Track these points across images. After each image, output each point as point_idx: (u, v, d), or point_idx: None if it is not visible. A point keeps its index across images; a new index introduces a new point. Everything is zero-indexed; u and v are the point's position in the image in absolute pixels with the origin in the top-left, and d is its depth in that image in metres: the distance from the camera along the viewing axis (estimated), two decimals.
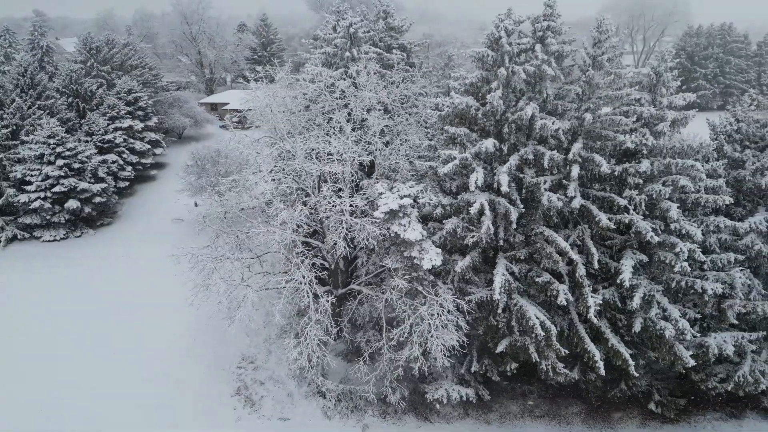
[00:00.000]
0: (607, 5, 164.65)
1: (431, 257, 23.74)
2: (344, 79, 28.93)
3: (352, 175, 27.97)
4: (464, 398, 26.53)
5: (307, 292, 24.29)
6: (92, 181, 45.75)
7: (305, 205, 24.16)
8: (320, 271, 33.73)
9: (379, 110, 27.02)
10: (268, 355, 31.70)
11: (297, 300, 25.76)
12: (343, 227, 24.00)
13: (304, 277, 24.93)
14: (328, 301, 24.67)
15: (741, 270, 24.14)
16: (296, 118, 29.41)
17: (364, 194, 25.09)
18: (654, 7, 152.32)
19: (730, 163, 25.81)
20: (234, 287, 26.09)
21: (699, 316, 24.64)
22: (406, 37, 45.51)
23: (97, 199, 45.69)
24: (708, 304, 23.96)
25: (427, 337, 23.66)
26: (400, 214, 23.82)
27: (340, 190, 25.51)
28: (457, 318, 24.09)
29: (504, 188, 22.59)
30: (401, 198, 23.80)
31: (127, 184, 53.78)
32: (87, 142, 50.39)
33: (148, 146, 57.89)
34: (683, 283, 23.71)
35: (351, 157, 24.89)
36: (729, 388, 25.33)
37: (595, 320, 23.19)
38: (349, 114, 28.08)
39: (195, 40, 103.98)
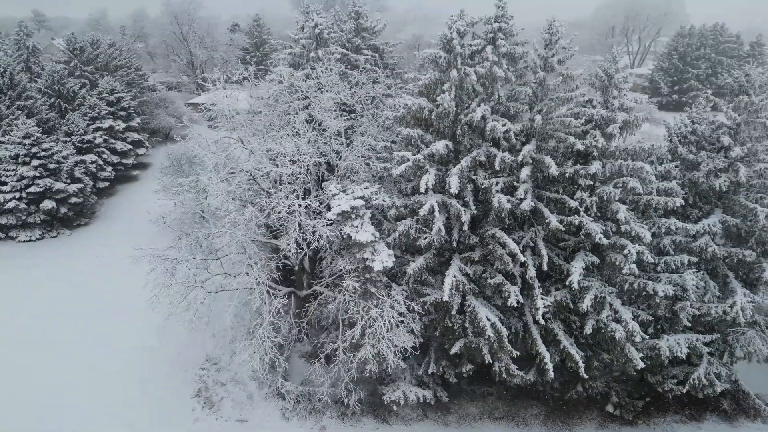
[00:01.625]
0: (603, 5, 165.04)
1: (383, 259, 23.74)
2: (305, 80, 28.86)
3: (312, 176, 28.01)
4: (421, 400, 26.53)
5: (259, 294, 24.23)
6: (68, 181, 45.75)
7: (254, 206, 24.07)
8: (283, 272, 33.74)
9: (337, 111, 26.91)
10: (232, 357, 31.61)
11: (255, 301, 25.73)
12: (295, 229, 23.95)
13: (258, 278, 24.92)
14: (280, 302, 24.57)
15: (695, 272, 24.08)
16: (258, 119, 29.43)
17: (317, 196, 25.04)
18: (649, 7, 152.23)
19: (685, 164, 25.76)
20: (191, 289, 26.09)
21: (651, 318, 24.56)
22: (385, 37, 45.59)
23: (73, 200, 45.71)
24: (660, 306, 23.90)
25: (379, 338, 23.65)
26: (353, 216, 23.81)
27: (295, 191, 25.49)
28: (410, 319, 24.07)
29: (453, 190, 22.55)
30: (354, 199, 23.84)
31: (107, 184, 53.77)
32: (66, 142, 50.41)
33: (130, 146, 57.90)
34: (635, 285, 23.66)
35: (306, 159, 24.83)
36: (684, 391, 25.32)
37: (543, 322, 23.17)
38: (310, 115, 28.03)
39: (186, 40, 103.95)
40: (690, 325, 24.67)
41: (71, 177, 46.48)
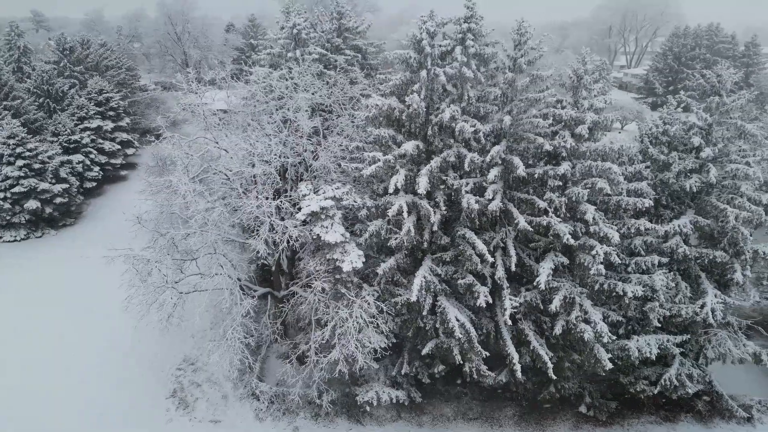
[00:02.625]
0: (601, 5, 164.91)
1: (352, 259, 23.71)
2: (281, 81, 28.84)
3: (287, 176, 28.02)
4: (395, 401, 26.52)
5: (229, 295, 24.23)
6: (53, 181, 45.79)
7: (225, 206, 24.06)
8: (262, 273, 33.71)
9: (311, 111, 26.89)
10: (209, 357, 31.54)
11: (225, 302, 25.72)
12: (266, 229, 23.94)
13: (230, 278, 24.91)
14: (249, 303, 24.56)
15: (665, 273, 24.02)
16: (235, 120, 29.45)
17: (288, 196, 25.03)
18: (646, 7, 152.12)
19: (657, 165, 25.69)
20: (163, 290, 26.08)
21: (623, 318, 24.52)
22: (379, 37, 45.55)
23: (59, 200, 45.74)
24: (630, 307, 23.83)
25: (348, 339, 23.62)
26: (323, 216, 23.79)
27: (267, 191, 25.47)
28: (379, 320, 24.04)
29: (421, 190, 22.50)
30: (324, 200, 23.81)
31: (94, 184, 53.77)
32: (52, 142, 50.45)
33: (119, 147, 57.90)
34: (606, 286, 23.60)
35: (275, 159, 24.81)
36: (656, 392, 25.28)
37: (510, 323, 23.13)
38: (285, 115, 28.01)
39: (180, 40, 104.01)
40: (662, 326, 24.63)
41: (56, 177, 46.49)
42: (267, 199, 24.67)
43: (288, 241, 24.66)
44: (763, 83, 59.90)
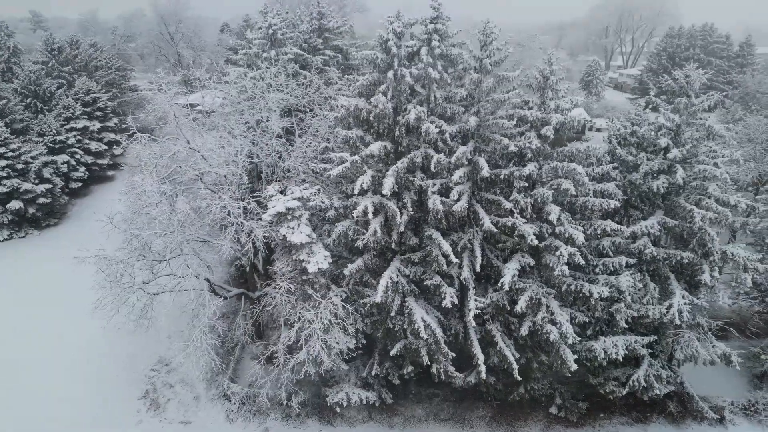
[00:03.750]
0: (597, 5, 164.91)
1: (318, 260, 23.68)
2: (255, 81, 28.81)
3: (257, 177, 28.00)
4: (364, 402, 26.46)
5: (195, 296, 24.21)
6: (36, 182, 45.77)
7: (192, 207, 24.04)
8: (239, 273, 33.62)
9: (276, 111, 26.85)
10: (192, 358, 31.61)
11: (191, 304, 25.69)
12: (231, 230, 23.92)
13: (197, 278, 24.89)
14: (215, 304, 24.54)
15: (632, 274, 23.97)
16: (210, 120, 29.46)
17: (255, 197, 25.00)
18: (643, 8, 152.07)
19: (626, 166, 25.64)
20: (132, 291, 26.06)
21: (591, 320, 24.48)
22: (366, 37, 45.45)
23: (42, 200, 45.75)
24: (597, 308, 23.78)
25: (314, 340, 23.59)
26: (289, 217, 23.78)
27: (234, 192, 25.44)
28: (345, 321, 23.99)
29: (385, 191, 22.44)
30: (290, 200, 23.79)
31: (80, 184, 53.72)
32: (37, 143, 50.42)
33: (105, 147, 57.87)
34: (573, 287, 23.54)
35: (240, 160, 24.79)
36: (624, 392, 25.22)
37: (473, 323, 23.09)
38: (255, 116, 27.99)
39: (173, 40, 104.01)
40: (631, 327, 24.59)
41: (40, 177, 46.49)
42: (235, 199, 24.62)
43: (254, 243, 24.63)
44: (749, 83, 59.62)
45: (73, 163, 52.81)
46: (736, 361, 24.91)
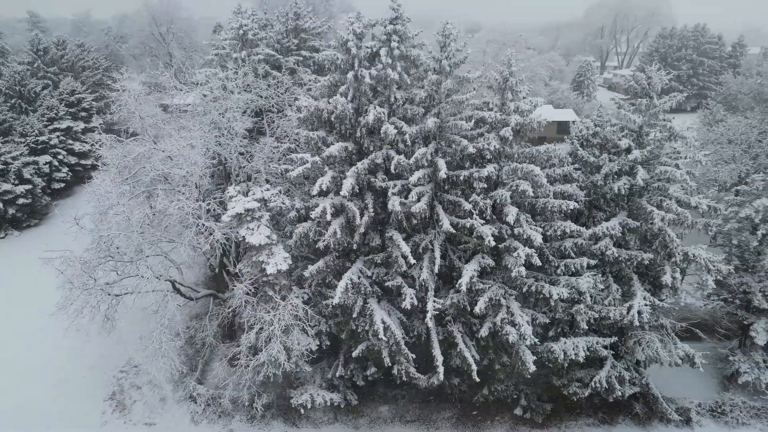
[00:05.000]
0: (593, 6, 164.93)
1: (277, 261, 23.62)
2: (219, 81, 28.78)
3: (227, 177, 27.95)
4: (329, 403, 26.39)
5: (156, 297, 24.18)
6: (16, 182, 45.74)
7: (152, 208, 24.03)
8: (211, 274, 33.44)
9: (237, 111, 26.82)
10: (153, 360, 31.58)
11: (156, 305, 25.65)
12: (190, 231, 23.89)
13: (158, 279, 24.85)
14: (175, 305, 24.51)
15: (593, 275, 23.91)
16: (175, 121, 29.43)
17: (215, 198, 24.96)
18: (637, 8, 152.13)
19: (589, 168, 25.57)
20: (96, 292, 25.99)
21: (552, 321, 24.42)
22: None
23: (21, 201, 45.75)
24: (558, 309, 23.72)
25: (274, 341, 23.55)
26: (248, 218, 23.72)
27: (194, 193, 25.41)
28: (306, 323, 23.95)
29: (344, 192, 22.37)
30: (250, 201, 23.72)
31: (62, 185, 53.66)
32: (19, 143, 50.36)
33: (89, 147, 57.68)
34: (533, 288, 23.48)
35: (201, 160, 24.76)
36: (587, 394, 25.16)
37: (431, 325, 23.05)
38: (221, 116, 27.96)
39: (165, 41, 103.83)
40: (594, 328, 24.54)
41: (20, 178, 46.46)
42: (195, 201, 24.58)
43: (218, 244, 24.60)
44: (731, 84, 59.47)
45: (56, 163, 52.74)
46: (700, 363, 24.82)
